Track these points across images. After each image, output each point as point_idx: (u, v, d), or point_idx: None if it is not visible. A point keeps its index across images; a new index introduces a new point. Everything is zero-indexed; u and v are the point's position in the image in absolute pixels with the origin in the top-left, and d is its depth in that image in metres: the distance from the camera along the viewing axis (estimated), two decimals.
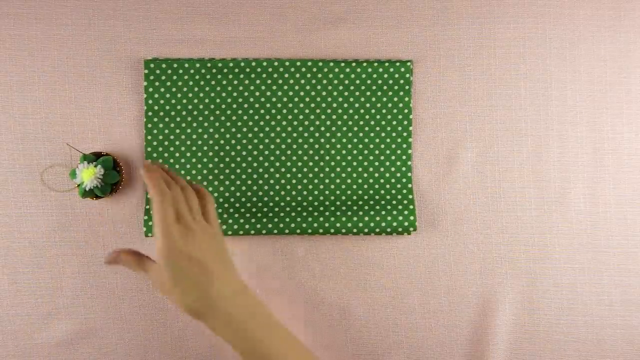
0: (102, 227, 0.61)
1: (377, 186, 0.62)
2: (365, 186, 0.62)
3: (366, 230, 0.60)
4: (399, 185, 0.61)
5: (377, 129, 0.62)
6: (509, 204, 0.62)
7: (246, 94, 0.61)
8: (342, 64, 0.61)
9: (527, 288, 0.62)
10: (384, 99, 0.62)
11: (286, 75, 0.61)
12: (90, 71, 0.61)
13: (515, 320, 0.61)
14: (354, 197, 0.61)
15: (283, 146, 0.61)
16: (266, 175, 0.61)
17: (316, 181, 0.62)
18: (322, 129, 0.61)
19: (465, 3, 0.62)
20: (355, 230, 0.60)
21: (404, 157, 0.62)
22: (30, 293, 0.60)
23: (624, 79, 0.62)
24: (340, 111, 0.62)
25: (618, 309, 0.62)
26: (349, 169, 0.62)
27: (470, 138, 0.62)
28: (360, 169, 0.62)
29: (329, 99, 0.61)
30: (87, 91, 0.61)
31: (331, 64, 0.61)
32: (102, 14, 0.61)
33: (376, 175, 0.62)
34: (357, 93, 0.62)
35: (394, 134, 0.62)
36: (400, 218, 0.60)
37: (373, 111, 0.62)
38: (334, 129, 0.61)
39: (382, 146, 0.62)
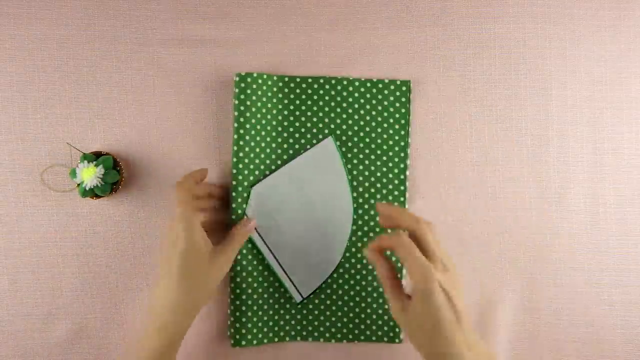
0: (102, 227, 0.61)
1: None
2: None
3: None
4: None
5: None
6: (509, 204, 0.62)
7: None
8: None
9: (527, 288, 0.62)
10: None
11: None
12: (90, 71, 0.61)
13: (515, 320, 0.61)
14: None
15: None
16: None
17: None
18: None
19: (465, 3, 0.62)
20: None
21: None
22: (30, 293, 0.60)
23: (624, 79, 0.62)
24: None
25: (618, 309, 0.62)
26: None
27: (470, 138, 0.62)
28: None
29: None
30: (87, 91, 0.61)
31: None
32: (102, 14, 0.61)
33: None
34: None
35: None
36: None
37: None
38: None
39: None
